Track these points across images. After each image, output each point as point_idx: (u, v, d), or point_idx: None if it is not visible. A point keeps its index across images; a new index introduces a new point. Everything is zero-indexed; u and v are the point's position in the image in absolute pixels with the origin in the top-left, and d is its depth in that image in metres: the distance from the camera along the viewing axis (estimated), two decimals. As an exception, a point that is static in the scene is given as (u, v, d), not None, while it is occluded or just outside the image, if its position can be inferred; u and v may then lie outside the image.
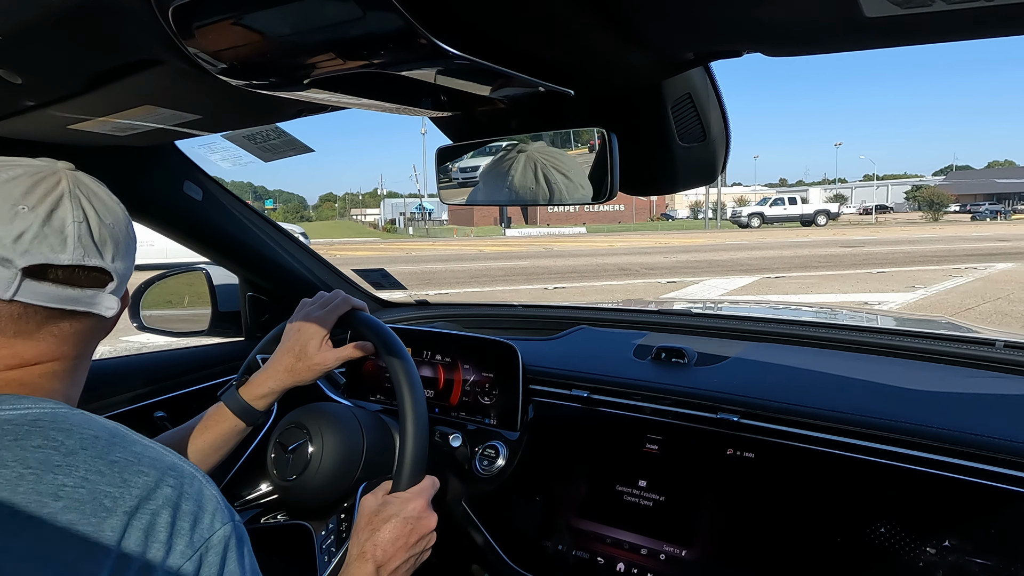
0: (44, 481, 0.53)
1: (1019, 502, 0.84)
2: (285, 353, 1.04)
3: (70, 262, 0.62)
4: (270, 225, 1.53)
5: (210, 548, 0.57)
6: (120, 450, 0.58)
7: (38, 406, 0.59)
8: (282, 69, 0.58)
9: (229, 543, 0.59)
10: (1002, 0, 0.44)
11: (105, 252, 0.65)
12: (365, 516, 0.88)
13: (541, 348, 1.43)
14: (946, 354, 1.20)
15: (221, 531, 0.59)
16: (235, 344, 1.60)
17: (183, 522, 0.56)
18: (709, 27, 0.60)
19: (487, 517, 1.23)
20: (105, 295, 0.66)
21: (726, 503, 1.03)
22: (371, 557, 0.84)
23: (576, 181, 0.79)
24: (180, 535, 0.56)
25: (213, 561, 0.57)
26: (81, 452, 0.56)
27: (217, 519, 0.59)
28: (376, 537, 0.85)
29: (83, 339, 0.67)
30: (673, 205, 62.67)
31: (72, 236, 0.62)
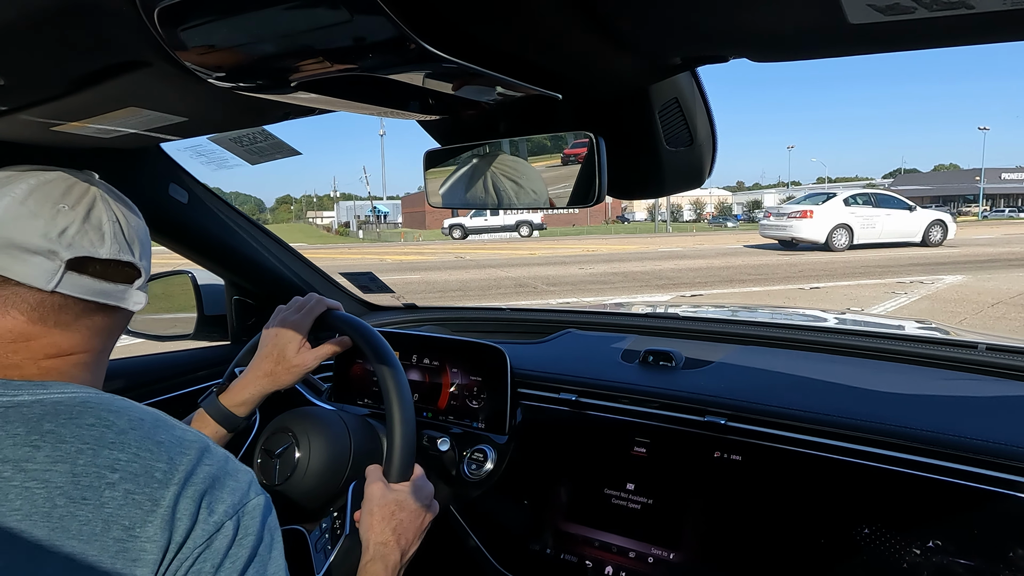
0: (101, 456, 0.58)
1: (1000, 502, 0.85)
2: (264, 359, 1.05)
3: (108, 256, 0.68)
4: (256, 228, 1.52)
5: (246, 512, 0.63)
6: (164, 432, 0.64)
7: (82, 391, 0.64)
8: (270, 72, 0.57)
9: (265, 511, 0.65)
10: (981, 8, 0.45)
11: (135, 249, 0.71)
12: (383, 507, 0.91)
13: (529, 351, 1.43)
14: (930, 356, 1.22)
15: (255, 500, 0.64)
16: (221, 348, 1.59)
17: (222, 491, 0.62)
18: (696, 33, 0.60)
19: (475, 521, 1.22)
20: (134, 291, 0.72)
21: (714, 505, 1.03)
22: (396, 545, 0.89)
23: (563, 185, 0.80)
24: (221, 502, 0.61)
25: (249, 524, 0.63)
26: (131, 432, 0.61)
27: (252, 490, 0.65)
28: (400, 526, 0.90)
29: (110, 333, 0.73)
30: (631, 207, 61.97)
31: (109, 233, 0.68)
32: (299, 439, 1.03)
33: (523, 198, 0.84)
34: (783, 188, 79.49)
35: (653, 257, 16.17)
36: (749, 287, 9.95)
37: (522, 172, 0.83)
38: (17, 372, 0.64)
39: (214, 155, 1.18)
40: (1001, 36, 0.52)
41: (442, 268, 14.31)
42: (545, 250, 20.04)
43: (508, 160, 0.84)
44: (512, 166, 0.84)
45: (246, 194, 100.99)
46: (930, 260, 13.01)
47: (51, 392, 0.62)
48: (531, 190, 0.83)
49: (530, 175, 0.83)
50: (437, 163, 0.92)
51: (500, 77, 0.59)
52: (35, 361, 0.65)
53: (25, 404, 0.60)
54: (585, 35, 0.59)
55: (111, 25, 0.57)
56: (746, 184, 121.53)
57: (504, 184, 0.85)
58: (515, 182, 0.84)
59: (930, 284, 9.57)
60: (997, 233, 22.90)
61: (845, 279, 10.38)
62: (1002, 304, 7.56)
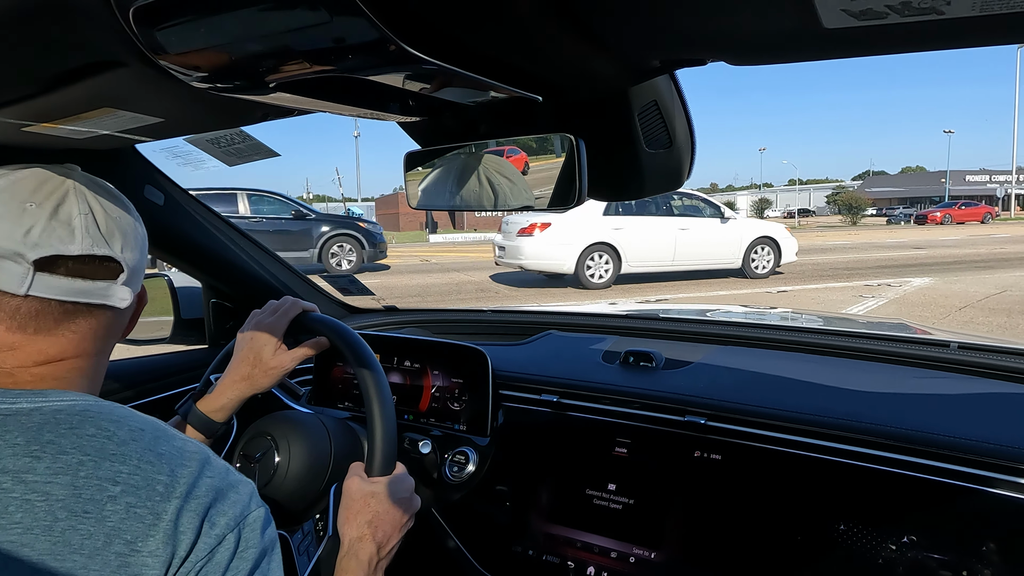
0: (102, 467, 0.57)
1: (972, 498, 0.87)
2: (240, 362, 1.04)
3: (80, 252, 0.64)
4: (233, 230, 1.51)
5: (247, 525, 0.62)
6: (165, 443, 0.62)
7: (82, 399, 0.62)
8: (248, 72, 0.57)
9: (265, 523, 0.64)
10: (951, 14, 0.46)
11: (113, 243, 0.67)
12: (358, 499, 0.90)
13: (510, 353, 1.43)
14: (904, 355, 1.24)
15: (256, 512, 0.63)
16: (199, 352, 1.57)
17: (224, 504, 0.61)
18: (675, 36, 0.61)
19: (457, 523, 1.22)
20: (117, 286, 0.68)
21: (694, 504, 1.04)
22: (372, 537, 0.87)
23: (543, 187, 0.80)
24: (223, 514, 0.60)
25: (250, 536, 0.61)
26: (132, 443, 0.60)
27: (253, 502, 0.64)
28: (376, 519, 0.89)
29: (101, 336, 0.69)
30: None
31: (79, 227, 0.64)
32: (278, 443, 1.02)
33: (502, 200, 0.84)
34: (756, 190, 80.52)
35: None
36: (716, 291, 9.90)
37: (501, 173, 0.83)
38: (11, 380, 0.62)
39: (191, 156, 1.17)
40: (970, 42, 0.53)
41: (405, 272, 13.97)
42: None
43: (488, 161, 0.84)
44: (492, 167, 0.84)
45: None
46: (897, 262, 13.10)
47: (50, 400, 0.60)
48: (510, 192, 0.83)
49: (510, 176, 0.83)
50: (417, 164, 0.91)
51: (480, 79, 0.59)
52: (27, 369, 0.63)
53: (24, 412, 0.59)
54: (565, 37, 0.60)
55: (85, 25, 0.56)
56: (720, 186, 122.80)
57: (484, 186, 0.85)
58: (494, 184, 0.84)
59: (898, 287, 9.60)
60: (962, 235, 23.34)
61: (812, 282, 10.34)
62: (970, 308, 7.68)
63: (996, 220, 38.13)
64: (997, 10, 0.45)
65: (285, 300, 1.10)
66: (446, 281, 12.03)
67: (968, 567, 0.85)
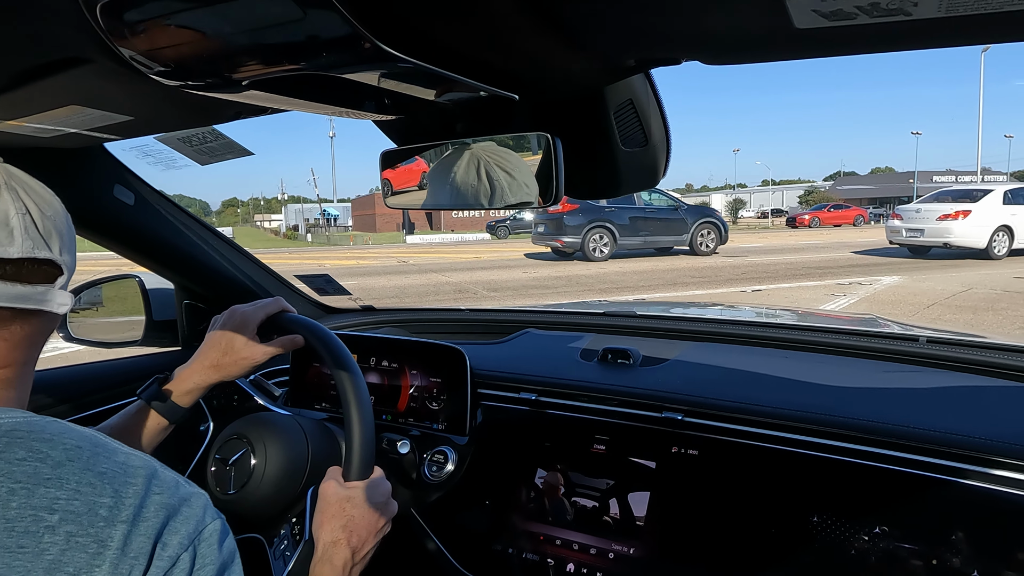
0: (36, 495, 0.52)
1: (942, 488, 0.89)
2: (210, 347, 1.02)
3: (19, 255, 0.59)
4: (206, 230, 1.49)
5: (202, 540, 0.57)
6: (106, 461, 0.57)
7: (7, 415, 0.57)
8: (219, 70, 0.56)
9: (222, 535, 0.60)
10: (918, 15, 0.47)
11: (52, 244, 0.62)
12: (333, 504, 0.89)
13: (489, 352, 1.43)
14: (875, 350, 1.26)
15: (211, 525, 0.59)
16: (172, 354, 1.54)
17: (175, 522, 0.56)
18: (649, 36, 0.61)
19: (436, 523, 1.22)
20: (56, 291, 0.63)
21: (672, 500, 1.05)
22: (346, 543, 0.85)
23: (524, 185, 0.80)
24: (175, 533, 0.56)
25: (206, 552, 0.57)
26: (68, 464, 0.54)
27: (208, 515, 0.59)
28: (351, 523, 0.87)
29: (33, 342, 0.64)
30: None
31: (19, 228, 0.59)
32: (254, 445, 1.01)
33: (480, 198, 0.84)
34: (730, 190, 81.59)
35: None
36: (692, 290, 10.01)
37: (479, 172, 0.83)
38: None
39: (162, 155, 1.15)
40: (936, 42, 0.55)
41: (382, 273, 13.94)
42: (492, 253, 19.64)
43: (465, 160, 0.84)
44: (469, 166, 0.84)
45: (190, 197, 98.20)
46: (868, 261, 13.31)
47: None
48: (487, 190, 0.83)
49: (487, 175, 0.83)
50: (394, 163, 0.91)
51: (457, 77, 0.59)
52: None
53: None
54: (541, 36, 0.60)
55: (51, 20, 0.55)
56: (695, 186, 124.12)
57: (460, 185, 0.85)
58: (472, 182, 0.84)
59: (868, 285, 9.75)
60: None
61: (786, 281, 10.54)
62: (937, 305, 7.85)
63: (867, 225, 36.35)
64: (962, 12, 0.46)
65: (271, 298, 1.10)
66: (424, 282, 12.03)
67: (938, 556, 0.87)
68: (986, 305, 7.67)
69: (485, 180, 0.82)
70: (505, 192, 0.81)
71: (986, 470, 0.87)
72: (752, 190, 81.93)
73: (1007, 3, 0.44)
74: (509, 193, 0.80)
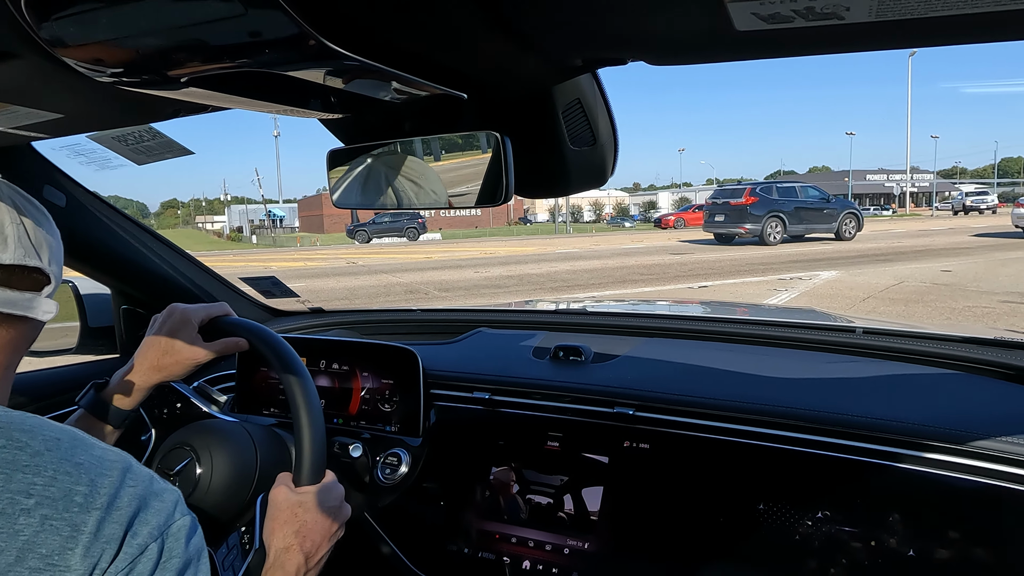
0: (14, 480, 0.54)
1: (879, 473, 0.93)
2: (150, 348, 1.00)
3: (11, 262, 0.63)
4: (145, 232, 1.43)
5: (171, 534, 0.59)
6: (83, 453, 0.59)
7: None
8: (156, 67, 0.54)
9: (191, 532, 0.61)
10: (850, 20, 0.49)
11: (42, 254, 0.66)
12: (284, 509, 0.87)
13: (441, 352, 1.42)
14: (815, 342, 1.31)
15: (181, 520, 0.61)
16: (109, 361, 1.48)
17: (147, 513, 0.58)
18: (596, 37, 0.62)
19: (391, 527, 1.21)
20: (42, 299, 0.67)
21: (625, 493, 1.07)
22: (299, 548, 0.85)
23: (470, 184, 0.80)
24: (145, 524, 0.58)
25: (174, 546, 0.59)
26: (47, 453, 0.57)
27: (178, 511, 0.61)
28: (304, 528, 0.86)
29: (16, 347, 0.67)
30: (534, 209, 62.73)
31: (12, 236, 0.63)
32: (199, 454, 0.98)
33: (428, 198, 0.83)
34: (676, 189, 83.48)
35: (551, 259, 16.13)
36: (642, 287, 10.23)
37: (424, 171, 0.83)
38: None
39: (95, 155, 1.10)
40: (867, 46, 0.57)
41: (331, 275, 13.80)
42: (442, 254, 19.75)
43: (414, 159, 0.84)
44: (418, 165, 0.83)
45: (127, 198, 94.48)
46: (807, 257, 13.81)
47: None
48: (436, 189, 0.83)
49: (431, 175, 0.82)
50: (341, 163, 0.90)
51: (404, 76, 0.59)
52: None
53: None
54: (489, 35, 0.60)
55: None
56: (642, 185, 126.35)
57: (409, 184, 0.84)
58: (421, 182, 0.83)
59: (808, 280, 10.09)
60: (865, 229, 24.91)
61: (731, 277, 10.85)
62: (872, 299, 8.21)
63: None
64: (890, 17, 0.48)
65: (216, 302, 1.08)
66: (374, 283, 11.91)
67: (876, 538, 0.91)
68: (916, 297, 8.05)
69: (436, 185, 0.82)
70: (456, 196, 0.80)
71: (919, 454, 0.91)
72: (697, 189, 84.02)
73: (931, 10, 0.47)
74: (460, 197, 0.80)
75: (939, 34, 0.53)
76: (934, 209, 50.20)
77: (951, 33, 0.52)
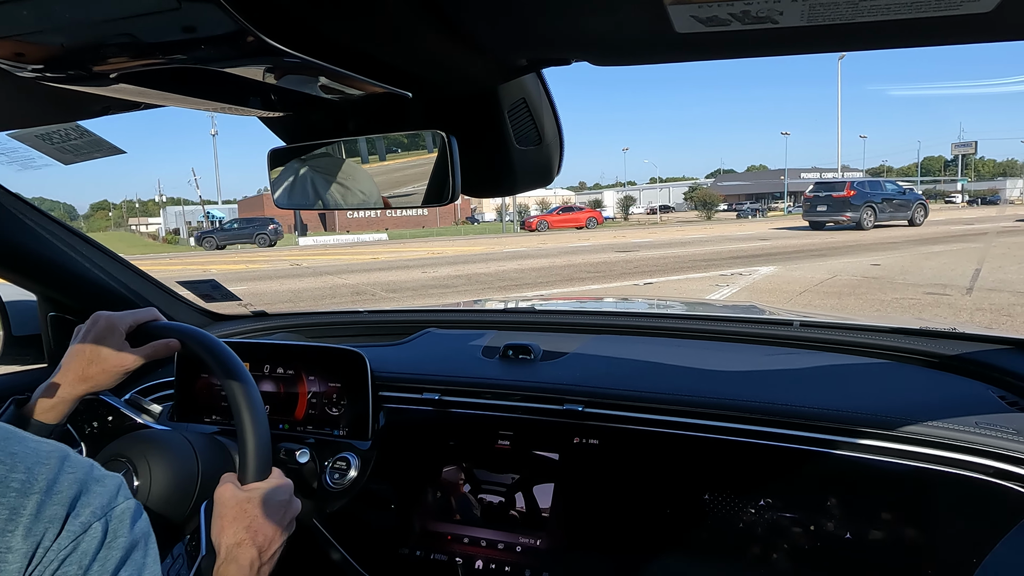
0: None
1: (816, 460, 0.97)
2: (74, 358, 0.96)
3: None
4: (73, 235, 1.36)
5: (115, 516, 0.58)
6: (17, 444, 0.59)
7: None
8: (82, 62, 0.51)
9: (135, 515, 0.61)
10: (784, 24, 0.51)
11: None
12: (232, 506, 0.85)
13: (389, 353, 1.41)
14: (755, 335, 1.36)
15: (125, 503, 0.60)
16: (36, 372, 1.41)
17: (88, 496, 0.58)
18: (539, 37, 0.62)
19: (341, 532, 1.19)
20: None
21: (576, 489, 1.08)
22: (251, 542, 0.83)
23: (416, 184, 0.79)
24: (87, 505, 0.57)
25: (118, 527, 0.58)
26: None
27: (121, 495, 0.60)
28: (255, 523, 0.84)
29: None
30: (481, 208, 62.95)
31: None
32: (136, 465, 0.94)
33: (373, 198, 0.82)
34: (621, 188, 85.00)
35: (499, 258, 16.15)
36: (588, 284, 10.34)
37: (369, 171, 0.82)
38: None
39: (16, 154, 1.04)
40: (800, 49, 0.59)
41: (274, 277, 13.48)
42: (389, 254, 19.57)
43: (357, 159, 0.82)
44: (360, 165, 0.82)
45: (52, 200, 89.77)
46: (747, 253, 14.28)
47: None
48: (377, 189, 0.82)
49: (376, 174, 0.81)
50: (283, 162, 0.88)
51: (346, 74, 0.58)
52: None
53: None
54: (432, 34, 0.60)
55: None
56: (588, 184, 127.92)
57: (354, 183, 0.83)
58: (365, 181, 0.82)
59: (748, 276, 10.40)
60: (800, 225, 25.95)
61: (675, 274, 11.13)
62: (808, 292, 8.54)
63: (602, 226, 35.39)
64: (821, 21, 0.51)
65: (144, 308, 1.04)
66: (319, 285, 11.67)
67: (815, 522, 0.95)
68: (849, 290, 8.41)
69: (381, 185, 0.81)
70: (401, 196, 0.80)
71: (853, 440, 0.96)
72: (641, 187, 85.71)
73: (858, 15, 0.49)
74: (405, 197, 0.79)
75: (866, 39, 0.55)
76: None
77: (876, 38, 0.55)
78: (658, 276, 10.92)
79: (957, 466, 0.89)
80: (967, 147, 49.81)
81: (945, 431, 0.92)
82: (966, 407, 0.98)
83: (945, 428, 0.92)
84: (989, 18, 0.48)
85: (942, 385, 1.10)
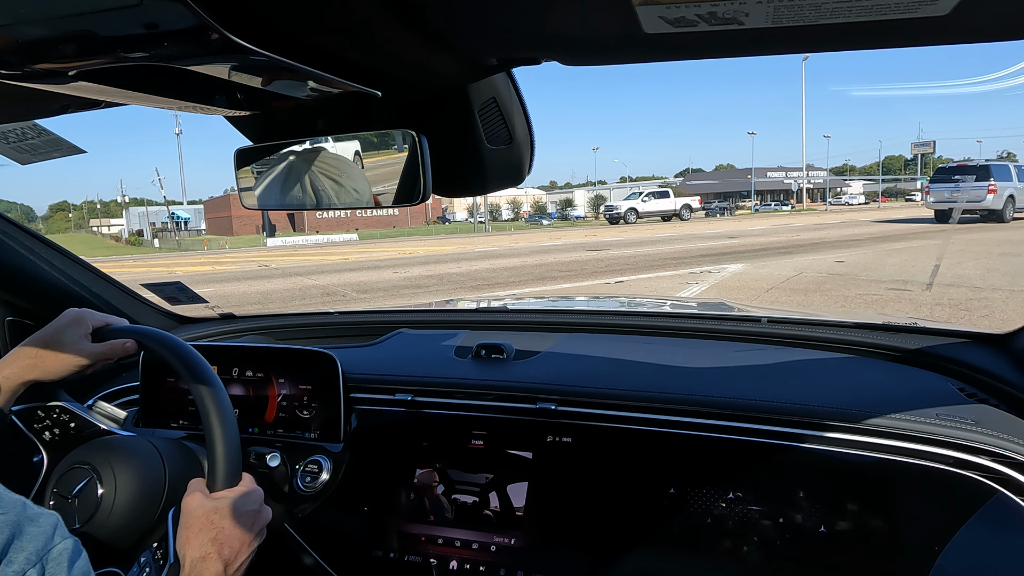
0: None
1: (783, 453, 0.99)
2: (32, 341, 0.94)
3: None
4: (31, 237, 1.33)
5: (51, 559, 0.56)
6: None
7: None
8: (39, 59, 0.50)
9: (73, 556, 0.59)
10: (750, 25, 0.52)
11: None
12: (199, 517, 0.83)
13: (361, 355, 1.40)
14: (724, 332, 1.38)
15: (61, 545, 0.58)
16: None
17: (22, 540, 0.55)
18: (509, 36, 0.62)
19: (313, 536, 1.17)
20: None
21: (549, 487, 1.08)
22: (217, 555, 0.81)
23: (386, 183, 0.79)
24: (21, 551, 0.55)
25: (55, 571, 0.56)
26: None
27: (58, 535, 0.58)
28: (221, 535, 0.82)
29: None
30: (452, 208, 63.00)
31: None
32: (100, 473, 0.91)
33: (344, 197, 0.82)
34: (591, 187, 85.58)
35: (470, 258, 16.12)
36: (560, 283, 10.39)
37: (343, 170, 0.81)
38: None
39: (-30, 154, 1.01)
40: (765, 50, 0.61)
41: (242, 279, 13.26)
42: (359, 254, 19.39)
43: (328, 157, 0.81)
44: (332, 163, 0.81)
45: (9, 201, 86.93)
46: (716, 251, 14.46)
47: None
48: (352, 189, 0.81)
49: (351, 173, 0.81)
50: (250, 162, 0.86)
51: (314, 72, 0.57)
52: None
53: None
54: (401, 33, 0.59)
55: None
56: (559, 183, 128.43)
57: (324, 183, 0.82)
58: (335, 180, 0.81)
59: (717, 273, 10.53)
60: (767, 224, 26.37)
61: (645, 272, 11.21)
62: (775, 289, 8.70)
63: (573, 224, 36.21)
64: (785, 23, 0.52)
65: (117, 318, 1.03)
66: (288, 286, 11.51)
67: (784, 515, 0.96)
68: (815, 287, 8.59)
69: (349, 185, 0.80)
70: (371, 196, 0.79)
71: (820, 433, 0.98)
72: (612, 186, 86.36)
73: (821, 17, 0.50)
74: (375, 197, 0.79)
75: (829, 40, 0.57)
76: (827, 205, 53.83)
77: (839, 40, 0.56)
78: (629, 274, 10.99)
79: (920, 457, 0.92)
80: (926, 146, 51.29)
81: (908, 423, 0.94)
82: (927, 399, 1.01)
83: (908, 420, 0.94)
84: (945, 21, 0.50)
85: (904, 378, 1.13)
